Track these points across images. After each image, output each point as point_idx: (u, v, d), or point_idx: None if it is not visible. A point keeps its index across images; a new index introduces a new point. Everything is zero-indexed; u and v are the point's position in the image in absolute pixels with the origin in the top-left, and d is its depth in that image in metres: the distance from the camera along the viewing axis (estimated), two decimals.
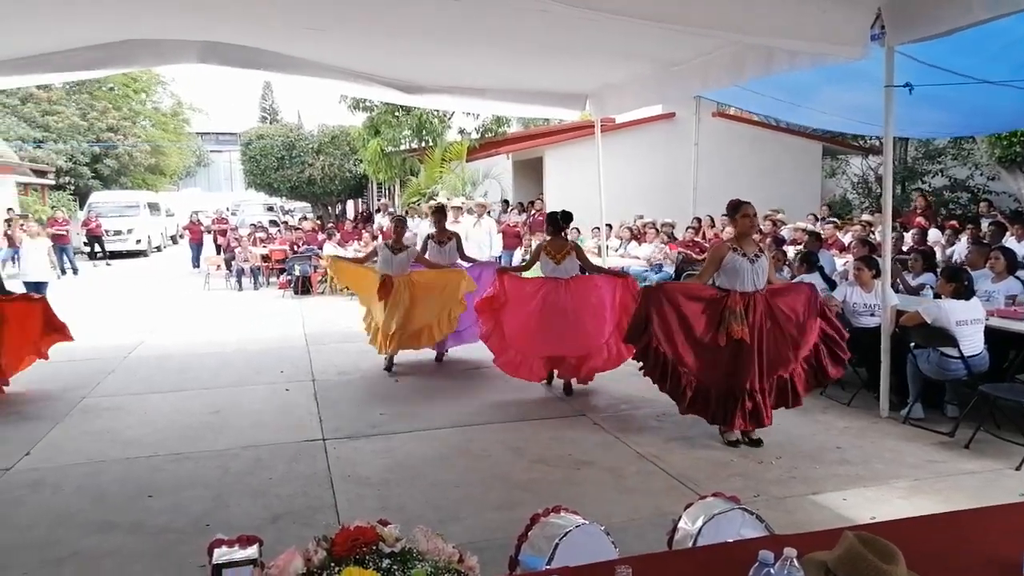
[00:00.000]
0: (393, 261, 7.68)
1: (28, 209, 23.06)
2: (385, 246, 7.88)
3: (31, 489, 4.73)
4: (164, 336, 10.14)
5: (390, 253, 7.73)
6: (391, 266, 7.68)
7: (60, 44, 7.55)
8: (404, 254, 7.78)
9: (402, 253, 7.76)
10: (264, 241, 17.53)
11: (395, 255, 7.71)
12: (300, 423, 5.98)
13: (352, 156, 23.56)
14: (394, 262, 7.68)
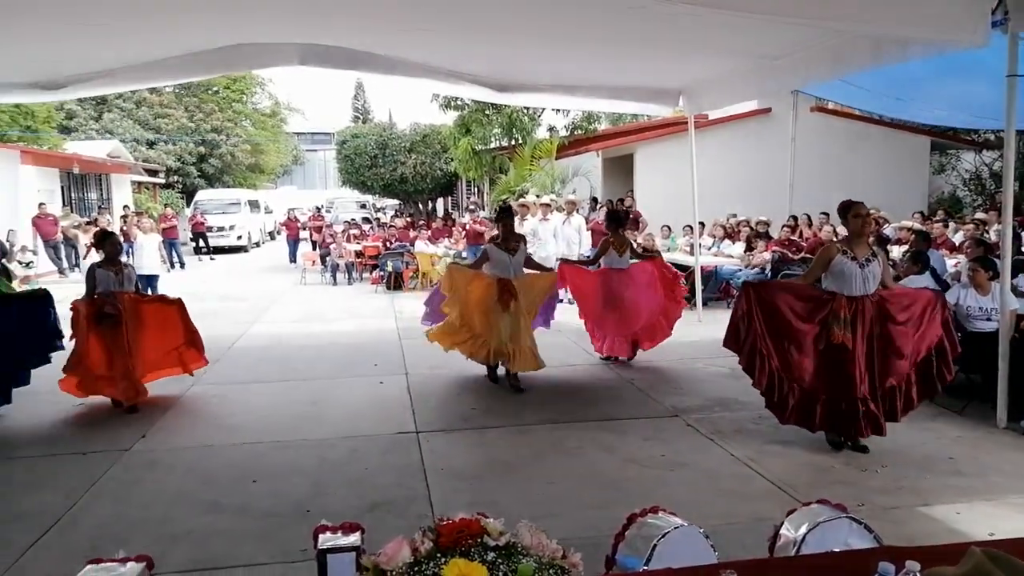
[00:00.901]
0: (511, 262, 6.85)
1: (141, 206, 24.44)
2: (496, 246, 6.94)
3: (147, 469, 5.01)
4: (264, 328, 10.55)
5: (505, 254, 6.85)
6: (508, 268, 6.86)
7: (173, 50, 7.94)
8: (520, 253, 6.97)
9: (518, 253, 6.94)
10: (358, 238, 18.01)
11: (512, 255, 6.85)
12: (394, 415, 6.11)
13: (443, 154, 23.90)
14: (512, 263, 6.85)
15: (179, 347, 6.76)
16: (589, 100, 10.52)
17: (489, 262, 6.94)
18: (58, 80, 8.57)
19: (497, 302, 6.75)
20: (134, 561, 2.47)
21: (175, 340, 6.75)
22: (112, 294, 6.41)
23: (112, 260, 6.60)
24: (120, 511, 4.35)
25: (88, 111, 29.77)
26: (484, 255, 7.03)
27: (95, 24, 6.64)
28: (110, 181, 24.56)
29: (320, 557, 2.52)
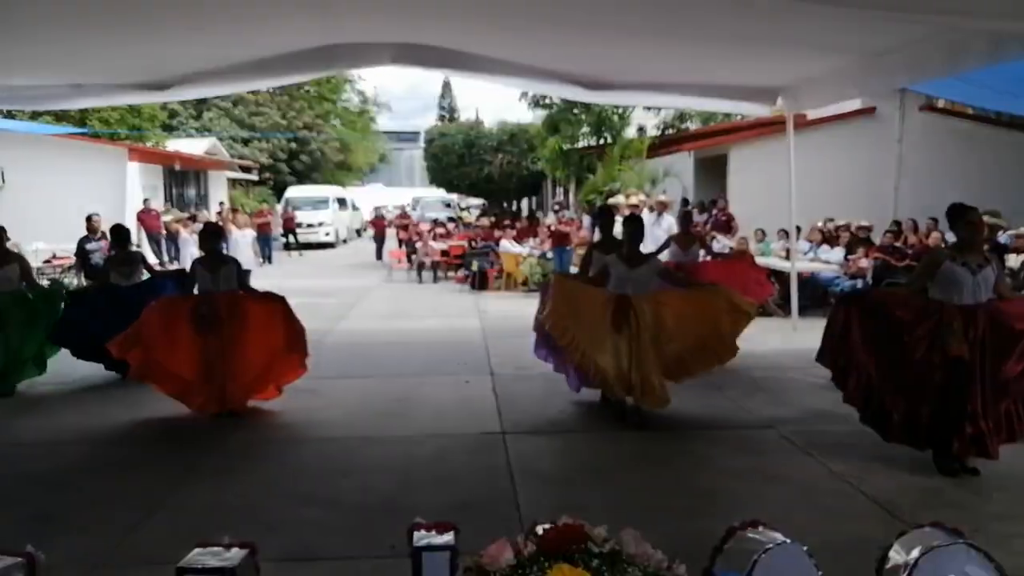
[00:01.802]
0: (629, 277, 5.82)
1: (236, 202, 25.42)
2: (618, 259, 5.90)
3: (242, 459, 5.17)
4: (352, 324, 10.77)
5: (623, 266, 5.84)
6: (626, 283, 5.83)
7: (271, 52, 8.17)
8: (645, 267, 5.89)
9: (643, 266, 5.87)
10: (443, 236, 18.22)
11: (631, 268, 5.84)
12: (480, 416, 6.11)
13: (529, 154, 23.95)
14: (631, 278, 5.81)
15: (279, 354, 6.17)
16: (682, 98, 10.31)
17: (609, 276, 5.95)
18: (165, 81, 8.94)
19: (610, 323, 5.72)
20: (238, 547, 2.53)
21: (276, 345, 6.14)
22: (209, 294, 6.14)
23: (212, 256, 6.31)
24: (217, 498, 4.49)
25: (189, 110, 31.12)
26: (604, 268, 6.01)
27: (199, 28, 6.90)
28: (208, 178, 25.64)
29: (415, 555, 2.53)
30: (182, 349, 6.04)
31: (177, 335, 6.03)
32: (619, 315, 5.66)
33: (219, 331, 5.99)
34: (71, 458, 5.20)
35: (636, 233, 6.00)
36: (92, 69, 8.45)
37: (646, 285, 5.82)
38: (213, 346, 5.99)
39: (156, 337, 6.00)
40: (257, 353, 6.09)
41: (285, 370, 6.25)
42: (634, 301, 5.69)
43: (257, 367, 6.11)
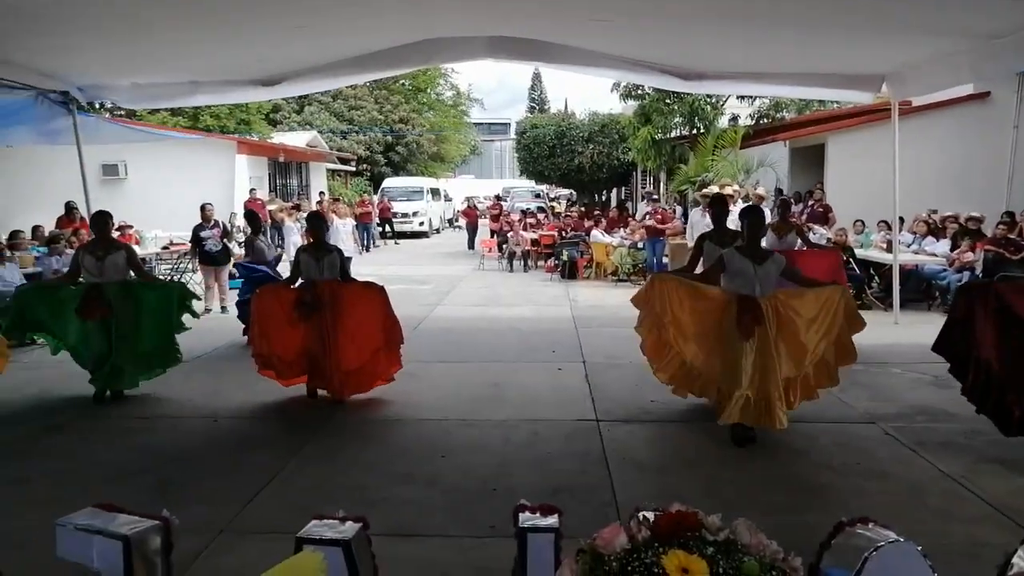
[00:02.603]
0: (756, 274, 5.01)
1: (335, 192, 26.26)
2: (740, 254, 5.10)
3: (345, 438, 5.40)
4: (446, 310, 11.01)
5: (748, 263, 5.03)
6: (751, 282, 5.01)
7: (371, 47, 8.41)
8: (771, 264, 5.08)
9: (768, 262, 5.08)
10: (534, 226, 18.34)
11: (758, 265, 5.03)
12: (573, 403, 6.17)
13: (620, 144, 23.76)
14: (758, 275, 5.02)
15: (379, 349, 6.24)
16: (780, 87, 10.03)
17: (725, 273, 5.19)
18: (274, 78, 9.34)
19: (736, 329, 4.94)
20: (352, 521, 2.67)
21: (375, 339, 6.20)
22: (313, 283, 6.20)
23: (318, 245, 6.41)
24: (324, 474, 4.72)
25: (291, 104, 32.28)
26: (720, 262, 5.23)
27: (306, 27, 7.19)
28: (309, 169, 26.56)
29: (521, 535, 2.61)
30: (288, 335, 6.20)
31: (283, 322, 6.19)
32: (748, 318, 4.89)
33: (322, 318, 6.12)
34: (191, 433, 5.57)
35: (758, 225, 5.33)
36: (209, 67, 8.93)
37: (772, 284, 5.09)
38: (316, 333, 6.15)
39: (268, 324, 6.22)
40: (359, 342, 6.18)
41: (389, 363, 6.32)
42: (763, 303, 4.95)
43: (360, 358, 6.19)
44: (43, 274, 10.04)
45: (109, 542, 2.43)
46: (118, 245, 6.63)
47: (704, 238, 6.35)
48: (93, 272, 6.29)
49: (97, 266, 6.27)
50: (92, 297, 6.20)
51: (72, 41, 7.23)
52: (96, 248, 6.36)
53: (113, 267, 6.32)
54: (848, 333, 5.14)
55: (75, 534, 2.50)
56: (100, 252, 6.31)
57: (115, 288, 6.31)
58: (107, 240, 6.51)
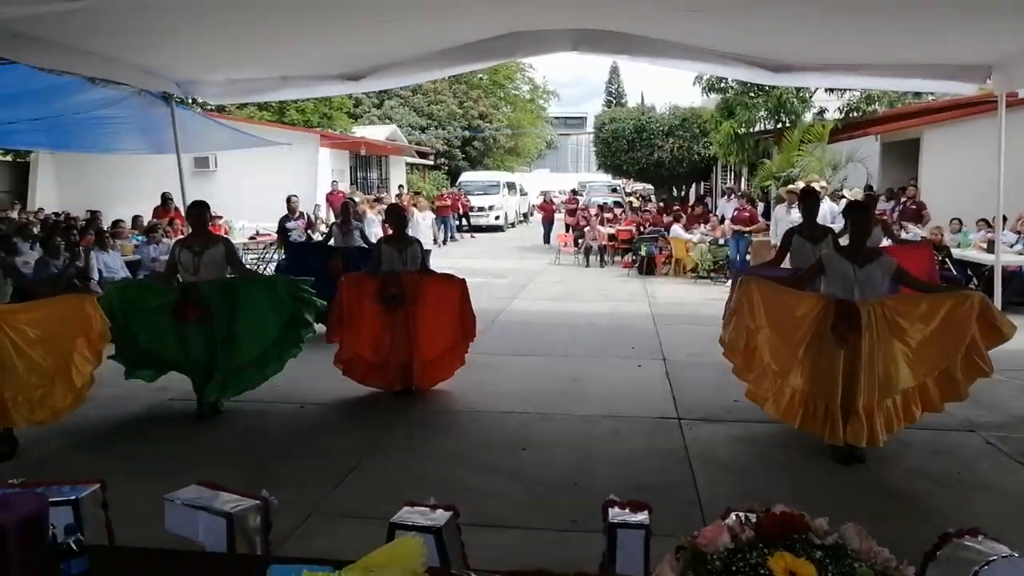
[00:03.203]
0: (857, 278, 4.62)
1: (413, 186, 26.67)
2: (840, 254, 4.83)
3: (427, 428, 5.49)
4: (523, 304, 11.04)
5: (849, 264, 4.66)
6: (850, 286, 4.63)
7: (455, 41, 8.48)
8: (876, 266, 4.65)
9: (873, 264, 4.65)
10: (611, 221, 18.20)
11: (860, 267, 4.63)
12: (654, 400, 6.11)
13: (701, 138, 23.32)
14: (858, 279, 4.62)
15: (455, 341, 6.30)
16: (875, 79, 9.65)
17: (824, 275, 4.83)
18: (360, 72, 9.53)
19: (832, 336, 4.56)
20: (443, 509, 2.70)
21: (452, 331, 6.27)
22: (396, 274, 6.21)
23: (399, 236, 6.43)
24: (407, 462, 4.81)
25: (371, 99, 32.90)
26: (818, 264, 4.93)
27: (391, 21, 7.30)
28: (388, 162, 27.06)
29: (610, 531, 2.59)
30: (369, 326, 6.22)
31: (365, 311, 6.21)
32: (844, 325, 4.49)
33: (403, 309, 6.17)
34: (280, 418, 5.75)
35: (863, 224, 4.88)
36: (298, 63, 9.17)
37: (877, 289, 4.67)
38: (399, 324, 6.17)
39: (350, 312, 6.20)
40: (438, 333, 6.24)
41: (461, 352, 6.36)
42: (863, 309, 4.55)
43: (438, 348, 6.26)
44: (142, 262, 10.55)
45: (213, 518, 2.52)
46: (216, 238, 5.97)
47: (792, 232, 6.10)
48: (189, 269, 5.67)
49: (193, 262, 5.65)
50: (188, 297, 5.57)
51: (173, 40, 7.55)
52: (193, 242, 5.79)
53: (211, 263, 5.69)
54: (984, 345, 4.56)
55: (182, 509, 2.60)
56: (197, 247, 5.69)
57: (214, 287, 5.67)
58: (204, 233, 5.89)
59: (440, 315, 6.26)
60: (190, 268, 5.66)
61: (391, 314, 6.18)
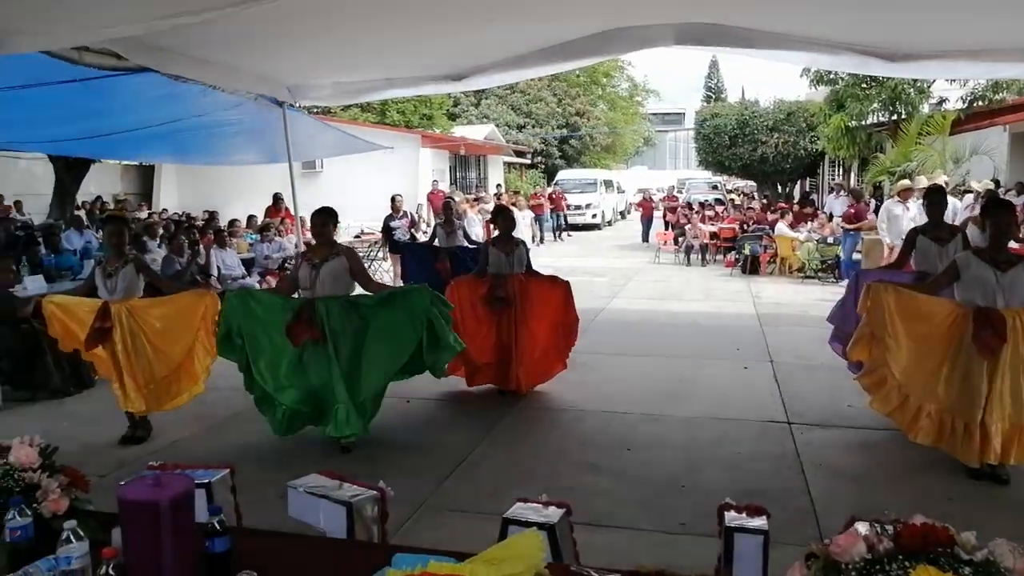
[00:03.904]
0: (1000, 282, 4.26)
1: (512, 185, 26.85)
2: (978, 258, 4.39)
3: (531, 425, 5.53)
4: (623, 303, 10.94)
5: (989, 269, 4.29)
6: (992, 292, 4.27)
7: (557, 39, 8.46)
8: (1020, 270, 4.28)
9: (1015, 268, 4.28)
10: (712, 219, 17.79)
11: (1002, 271, 4.27)
12: (762, 403, 5.93)
13: (808, 132, 22.46)
14: (1001, 284, 4.26)
15: (558, 343, 6.28)
16: (1007, 65, 9.01)
17: (960, 281, 4.46)
18: (462, 73, 9.66)
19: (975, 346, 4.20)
20: (556, 506, 2.71)
21: (556, 333, 6.25)
22: (503, 277, 6.13)
23: (506, 238, 6.33)
24: (513, 459, 4.85)
25: (470, 98, 33.33)
26: (952, 269, 4.50)
27: (494, 20, 7.36)
28: (487, 162, 27.35)
29: (727, 535, 2.53)
30: (477, 328, 6.14)
31: (473, 313, 6.17)
32: (988, 334, 4.13)
33: (509, 312, 6.13)
34: (389, 411, 5.79)
35: (1005, 224, 4.44)
36: (402, 65, 9.38)
37: (1022, 295, 4.29)
38: (504, 326, 6.13)
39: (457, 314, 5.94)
40: (541, 336, 6.21)
41: (563, 355, 6.31)
42: (1008, 317, 4.16)
43: (540, 349, 6.22)
44: (255, 259, 11.05)
45: (334, 507, 2.62)
46: (338, 250, 5.15)
47: (916, 232, 5.68)
48: (305, 284, 5.01)
49: (310, 276, 4.97)
50: (302, 316, 4.86)
51: (288, 45, 7.86)
52: (313, 254, 5.13)
53: (330, 278, 4.96)
54: None
55: (304, 496, 2.71)
56: (316, 259, 5.02)
57: (332, 305, 4.92)
58: (326, 244, 5.16)
59: (543, 317, 6.24)
60: (307, 283, 5.01)
61: (497, 316, 6.15)
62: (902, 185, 10.95)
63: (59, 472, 2.10)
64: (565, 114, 34.00)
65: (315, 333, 4.83)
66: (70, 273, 9.31)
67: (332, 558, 2.10)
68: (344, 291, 5.05)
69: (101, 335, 5.03)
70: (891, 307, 4.48)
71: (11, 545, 1.81)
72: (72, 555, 1.64)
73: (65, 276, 9.11)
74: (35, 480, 2.00)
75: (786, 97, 25.34)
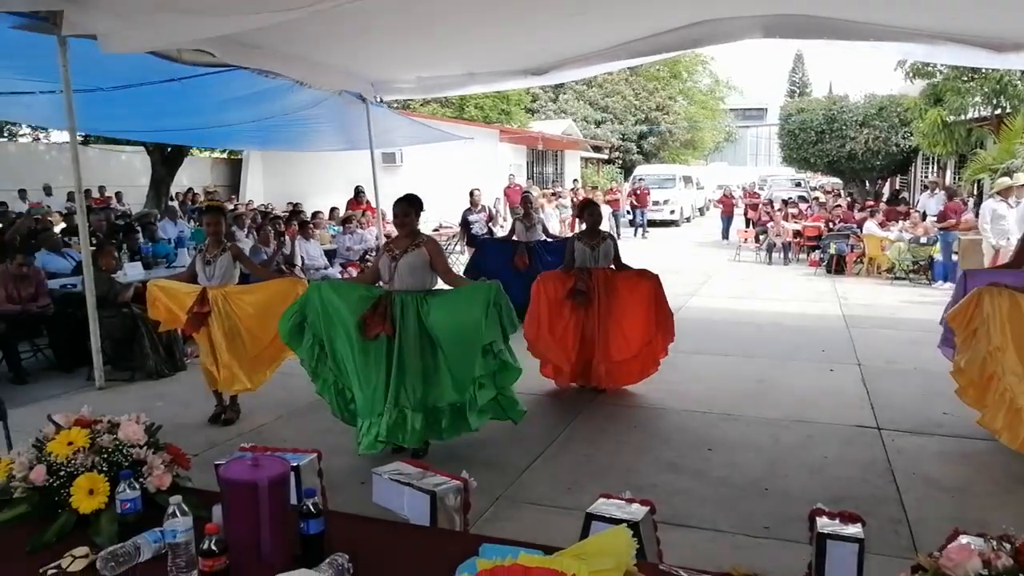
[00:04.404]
0: None
1: (589, 180, 26.72)
2: None
3: (609, 421, 5.48)
4: (702, 302, 10.73)
5: None
6: None
7: (640, 32, 8.35)
8: None
9: None
10: (796, 217, 17.29)
11: None
12: (849, 407, 5.72)
13: (901, 128, 21.52)
14: None
15: (651, 340, 6.01)
16: None
17: None
18: (543, 67, 9.65)
19: None
20: (639, 504, 2.67)
21: (647, 329, 5.99)
22: (588, 270, 6.01)
23: (592, 232, 6.16)
24: (591, 453, 4.82)
25: (548, 93, 33.27)
26: None
27: (578, 14, 7.30)
28: (563, 157, 27.29)
29: (820, 541, 2.44)
30: (562, 324, 6.02)
31: (559, 309, 6.04)
32: None
33: (594, 308, 5.99)
34: None
35: None
36: (484, 59, 9.44)
37: None
38: (590, 322, 5.99)
39: (543, 309, 6.02)
40: (630, 332, 5.99)
41: (656, 354, 6.07)
42: None
43: (631, 348, 6.00)
44: (337, 251, 11.32)
45: (418, 494, 2.65)
46: (419, 241, 4.74)
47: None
48: (385, 277, 4.76)
49: (389, 268, 4.68)
50: (378, 309, 4.58)
51: (376, 41, 8.02)
52: (394, 245, 4.80)
53: (407, 270, 4.63)
54: None
55: (388, 483, 2.75)
56: (397, 251, 4.70)
57: (408, 299, 4.59)
58: (409, 235, 4.77)
59: (634, 314, 6.02)
60: (386, 275, 4.74)
61: (580, 311, 6.01)
62: (1003, 183, 10.38)
63: (162, 449, 2.19)
64: (644, 109, 33.57)
65: (387, 328, 4.53)
66: (165, 260, 9.74)
67: (419, 544, 2.13)
68: (423, 285, 4.68)
69: (200, 319, 5.25)
70: (1003, 312, 4.24)
71: (121, 516, 1.90)
72: (178, 529, 1.71)
73: (160, 263, 9.54)
74: (141, 456, 2.09)
75: (878, 91, 24.35)
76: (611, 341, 5.99)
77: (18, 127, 23.37)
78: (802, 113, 24.53)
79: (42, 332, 7.22)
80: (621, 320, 6.02)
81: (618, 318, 6.02)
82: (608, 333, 5.99)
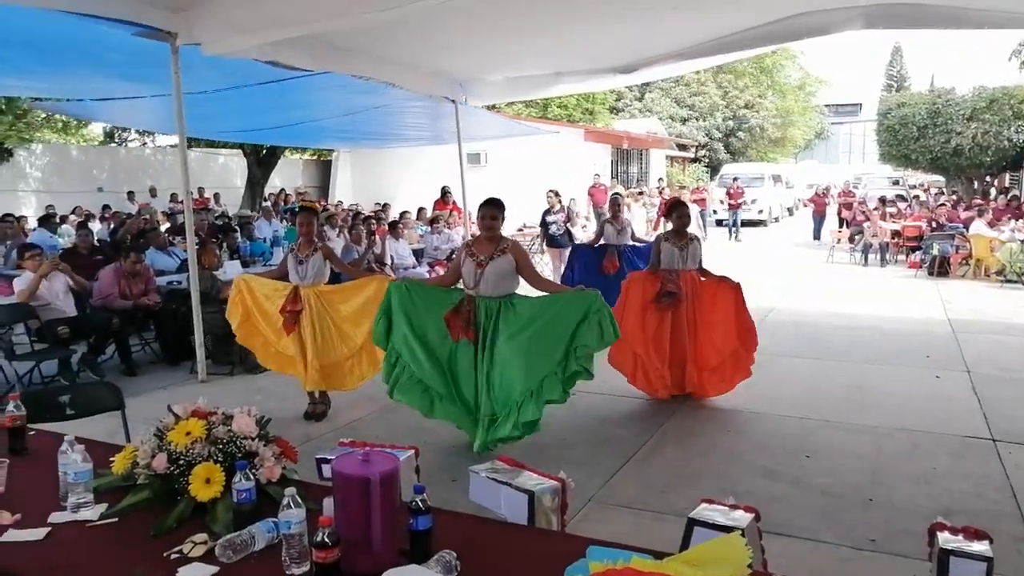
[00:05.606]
0: None
1: (674, 179, 26.30)
2: None
3: (701, 424, 5.38)
4: (793, 303, 10.40)
5: None
6: None
7: (731, 28, 8.13)
8: None
9: None
10: (894, 216, 16.54)
11: None
12: (959, 416, 5.42)
13: (1015, 121, 20.25)
14: None
15: (737, 349, 5.80)
16: None
17: None
18: (632, 65, 9.53)
19: None
20: (743, 510, 2.59)
21: (732, 338, 5.79)
22: (675, 272, 5.85)
23: (680, 233, 5.96)
24: (684, 457, 4.73)
25: (633, 91, 32.88)
26: None
27: (671, 10, 7.18)
28: (648, 156, 26.93)
29: (943, 556, 2.31)
30: (649, 326, 5.86)
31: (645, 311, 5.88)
32: None
33: (682, 310, 5.85)
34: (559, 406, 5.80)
35: None
36: (572, 58, 9.39)
37: None
38: (676, 325, 5.84)
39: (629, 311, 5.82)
40: (718, 340, 5.82)
41: (742, 365, 5.84)
42: None
43: (720, 355, 5.82)
44: (425, 250, 11.49)
45: (516, 494, 2.64)
46: (504, 246, 4.68)
47: None
48: (470, 283, 4.70)
49: (475, 275, 4.63)
50: (461, 312, 4.60)
51: (463, 42, 8.09)
52: (478, 248, 4.71)
53: (494, 275, 4.58)
54: None
55: (486, 482, 2.75)
56: (482, 257, 4.63)
57: (492, 305, 4.59)
58: (493, 239, 4.69)
59: (717, 323, 5.85)
60: (471, 281, 4.67)
61: (667, 313, 5.84)
62: None
63: (272, 442, 2.25)
64: (732, 106, 32.79)
65: (470, 334, 4.56)
66: (261, 259, 10.11)
67: (522, 544, 2.12)
68: (509, 290, 4.65)
69: (294, 317, 5.39)
70: None
71: (237, 505, 1.96)
72: (292, 520, 1.75)
73: (257, 261, 9.91)
74: (253, 448, 2.16)
75: (988, 84, 22.98)
76: (702, 347, 5.84)
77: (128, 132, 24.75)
78: (903, 107, 23.42)
79: (149, 327, 7.60)
80: (707, 326, 5.86)
81: (707, 324, 5.86)
82: (699, 339, 5.84)
